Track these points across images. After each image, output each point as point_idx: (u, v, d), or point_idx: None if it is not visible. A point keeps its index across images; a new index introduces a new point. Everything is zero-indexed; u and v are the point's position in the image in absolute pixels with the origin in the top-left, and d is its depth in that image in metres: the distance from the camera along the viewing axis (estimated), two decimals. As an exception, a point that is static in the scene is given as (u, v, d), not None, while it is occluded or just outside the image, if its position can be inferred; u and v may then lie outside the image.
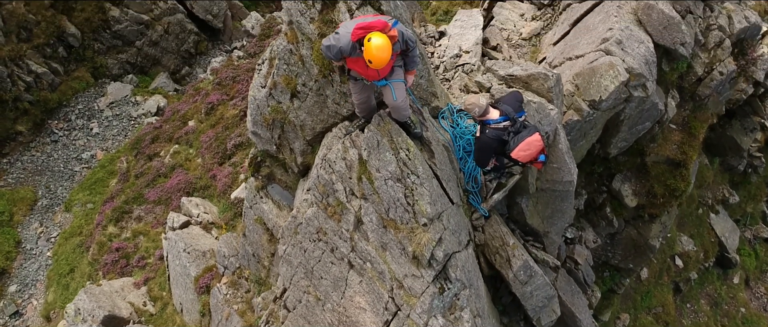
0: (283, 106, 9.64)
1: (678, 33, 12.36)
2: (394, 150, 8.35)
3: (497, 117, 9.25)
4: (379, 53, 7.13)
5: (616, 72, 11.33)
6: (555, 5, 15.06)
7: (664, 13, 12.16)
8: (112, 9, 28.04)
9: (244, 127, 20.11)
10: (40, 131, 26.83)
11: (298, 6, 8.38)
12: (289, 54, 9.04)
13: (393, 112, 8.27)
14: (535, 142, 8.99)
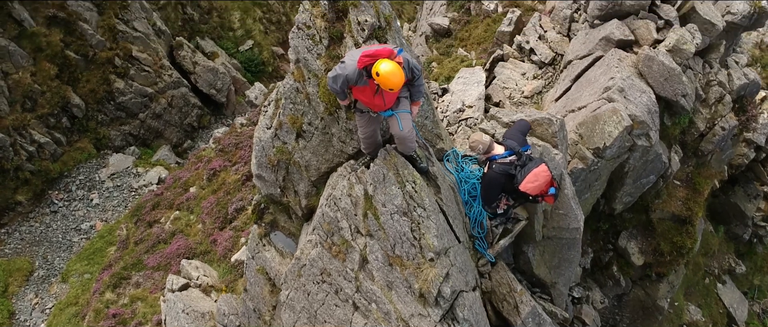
0: (288, 147, 9.69)
1: (679, 84, 12.56)
2: (401, 183, 8.34)
3: (502, 152, 9.29)
4: (392, 77, 7.22)
5: (619, 117, 11.45)
6: (556, 64, 15.36)
7: (665, 64, 12.39)
8: (118, 81, 28.53)
9: (246, 191, 20.14)
10: (40, 201, 26.82)
11: (305, 43, 8.55)
12: (296, 93, 9.16)
13: (399, 143, 8.30)
14: (542, 172, 8.98)
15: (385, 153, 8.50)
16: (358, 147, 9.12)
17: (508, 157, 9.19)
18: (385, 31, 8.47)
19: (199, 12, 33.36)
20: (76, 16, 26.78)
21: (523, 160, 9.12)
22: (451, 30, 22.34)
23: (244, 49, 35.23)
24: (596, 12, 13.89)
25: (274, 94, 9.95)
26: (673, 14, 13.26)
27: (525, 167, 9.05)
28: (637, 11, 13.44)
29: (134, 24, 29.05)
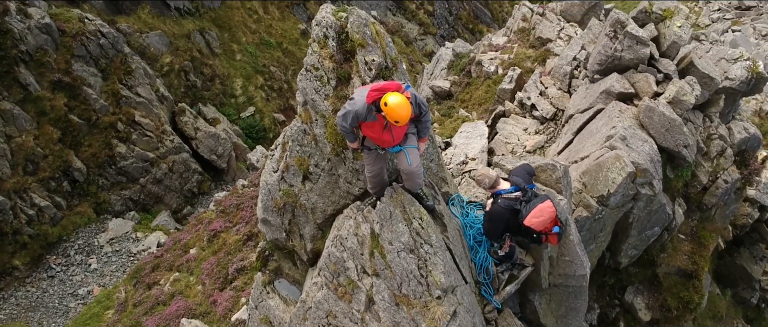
0: (294, 189, 9.80)
1: (680, 135, 12.77)
2: (407, 220, 8.42)
3: (508, 187, 9.40)
4: (400, 110, 7.41)
5: (622, 163, 11.62)
6: (557, 119, 15.63)
7: (665, 115, 12.64)
8: (119, 145, 28.80)
9: (247, 250, 20.09)
10: (37, 266, 26.68)
11: (313, 84, 8.78)
12: (303, 134, 9.34)
13: (407, 179, 8.43)
14: (546, 208, 9.08)
15: (391, 191, 8.62)
16: (364, 187, 9.23)
17: (513, 193, 9.31)
18: (392, 71, 8.71)
19: (201, 79, 33.95)
20: (81, 81, 27.26)
21: (528, 196, 9.24)
22: (452, 92, 22.74)
23: (246, 115, 35.68)
24: (596, 66, 14.25)
25: (281, 138, 10.14)
26: (672, 68, 13.61)
27: (530, 203, 9.16)
28: (636, 65, 13.80)
29: (138, 90, 29.54)
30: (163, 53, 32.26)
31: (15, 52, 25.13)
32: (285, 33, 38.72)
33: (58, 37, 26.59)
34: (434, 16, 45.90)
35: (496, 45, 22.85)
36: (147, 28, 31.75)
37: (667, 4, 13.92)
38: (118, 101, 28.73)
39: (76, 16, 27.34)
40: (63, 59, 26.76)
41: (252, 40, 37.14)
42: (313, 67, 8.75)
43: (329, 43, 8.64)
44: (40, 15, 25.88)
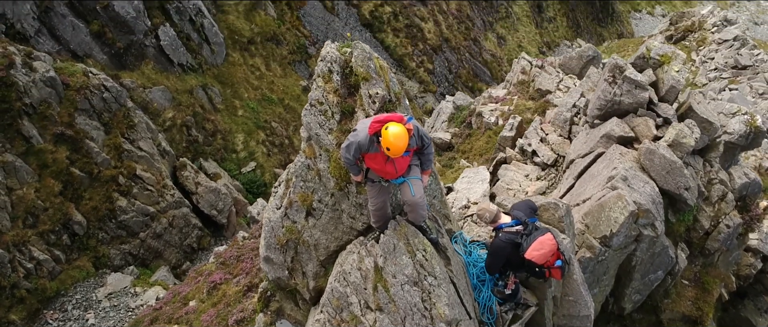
0: (297, 226, 9.85)
1: (681, 177, 12.89)
2: (411, 252, 8.46)
3: (509, 221, 9.45)
4: (396, 141, 7.51)
5: (624, 203, 11.69)
6: (558, 165, 15.76)
7: (666, 157, 12.78)
8: (120, 199, 28.86)
9: (247, 302, 19.96)
10: (34, 321, 26.41)
11: (317, 119, 8.93)
12: (306, 170, 9.45)
13: (411, 211, 8.49)
14: (547, 240, 9.12)
15: (395, 224, 8.68)
16: (367, 222, 9.28)
17: (514, 227, 9.36)
18: (395, 105, 8.87)
19: (203, 134, 34.24)
20: (84, 135, 27.51)
21: (529, 230, 9.29)
22: (453, 144, 22.96)
23: (247, 170, 35.84)
24: (596, 112, 14.47)
25: (284, 175, 10.24)
26: (671, 112, 13.82)
27: (530, 236, 9.20)
28: (636, 109, 14.01)
29: (140, 144, 29.77)
30: (166, 108, 32.64)
31: (19, 105, 25.44)
32: (287, 89, 39.23)
33: (62, 90, 26.95)
34: (434, 74, 46.58)
35: (496, 97, 23.18)
36: (150, 84, 32.20)
37: (664, 50, 14.22)
38: (120, 155, 28.91)
39: (80, 70, 27.77)
40: (66, 112, 27.07)
41: (254, 96, 37.62)
42: (318, 101, 8.92)
43: (334, 77, 8.83)
44: (45, 68, 26.29)
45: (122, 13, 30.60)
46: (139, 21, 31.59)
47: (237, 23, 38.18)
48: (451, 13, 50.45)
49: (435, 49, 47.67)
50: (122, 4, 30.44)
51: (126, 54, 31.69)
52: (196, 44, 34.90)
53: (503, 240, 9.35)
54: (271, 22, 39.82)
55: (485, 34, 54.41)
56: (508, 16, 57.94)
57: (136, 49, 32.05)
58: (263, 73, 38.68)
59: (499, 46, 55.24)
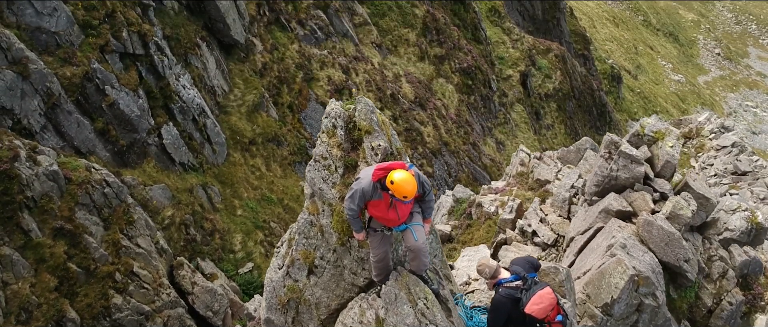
0: (299, 284, 10.05)
1: (680, 249, 13.14)
2: (412, 302, 8.65)
3: (508, 276, 9.66)
4: (406, 185, 7.93)
5: (623, 268, 11.90)
6: (559, 245, 16.01)
7: (664, 229, 13.08)
8: (116, 296, 28.72)
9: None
10: None
11: (321, 174, 9.33)
12: (309, 226, 9.75)
13: (413, 259, 8.74)
14: (546, 294, 9.30)
15: (396, 274, 8.91)
16: (369, 277, 9.50)
17: (514, 282, 9.57)
18: (397, 158, 9.29)
19: (201, 233, 34.46)
20: (83, 229, 27.72)
21: (528, 285, 9.49)
22: (453, 236, 23.22)
23: (244, 271, 35.81)
24: (593, 188, 14.88)
25: (287, 235, 10.52)
26: (668, 187, 14.23)
27: (530, 290, 9.39)
28: (632, 184, 14.43)
29: (138, 240, 29.93)
30: (166, 206, 33.03)
31: (21, 198, 25.82)
32: (286, 190, 39.77)
33: (64, 184, 27.41)
34: (434, 177, 47.30)
35: (496, 188, 23.66)
36: (151, 181, 32.72)
37: (658, 126, 14.81)
38: (117, 251, 29.01)
39: (83, 165, 28.32)
40: (67, 206, 27.41)
41: (253, 195, 38.10)
42: (322, 157, 9.35)
43: (337, 132, 9.30)
44: (48, 162, 26.86)
45: (127, 112, 31.53)
46: (143, 119, 32.50)
47: (239, 124, 39.21)
48: (450, 118, 51.77)
49: (434, 153, 48.64)
50: (127, 102, 31.44)
51: (128, 152, 32.40)
52: (198, 143, 35.73)
53: (503, 295, 9.55)
54: (272, 124, 40.86)
55: (484, 139, 55.63)
56: (507, 122, 59.37)
57: (139, 147, 32.80)
58: (263, 173, 39.34)
59: (498, 151, 56.35)
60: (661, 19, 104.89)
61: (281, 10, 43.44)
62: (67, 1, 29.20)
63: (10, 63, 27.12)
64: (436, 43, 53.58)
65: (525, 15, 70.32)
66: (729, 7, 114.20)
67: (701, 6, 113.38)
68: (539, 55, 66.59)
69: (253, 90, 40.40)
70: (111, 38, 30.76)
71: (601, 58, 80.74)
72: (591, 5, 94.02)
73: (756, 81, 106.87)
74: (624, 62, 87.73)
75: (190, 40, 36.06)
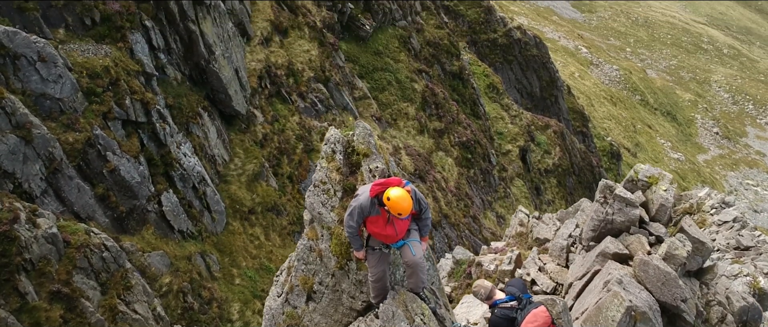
0: (298, 311, 10.23)
1: (677, 288, 13.29)
2: (409, 319, 8.83)
3: (504, 297, 9.86)
4: (402, 202, 8.26)
5: (620, 300, 12.04)
6: (558, 293, 16.12)
7: (660, 269, 13.27)
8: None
9: None
10: None
11: (320, 198, 9.66)
12: (308, 252, 10.01)
13: (411, 275, 8.97)
14: (541, 313, 9.50)
15: (394, 293, 9.11)
16: (367, 300, 9.70)
17: (509, 302, 9.77)
18: (394, 181, 9.63)
19: (199, 302, 34.33)
20: (80, 293, 27.70)
21: (523, 305, 9.69)
22: (454, 297, 23.25)
23: (242, 342, 35.52)
24: (590, 234, 15.13)
25: (285, 264, 10.75)
26: (663, 230, 14.50)
27: (525, 310, 9.59)
28: (628, 227, 14.69)
29: (135, 306, 29.84)
30: (164, 273, 33.04)
31: (19, 260, 25.93)
32: (285, 259, 39.78)
33: (63, 247, 27.56)
34: (434, 249, 47.35)
35: (496, 248, 23.82)
36: (150, 248, 32.84)
37: (651, 172, 15.18)
38: (114, 317, 28.91)
39: (82, 229, 28.55)
40: (65, 270, 27.47)
41: (252, 264, 38.13)
42: (321, 181, 9.70)
43: (336, 156, 9.68)
44: (48, 225, 27.09)
45: (127, 178, 31.96)
46: (144, 186, 32.89)
47: (239, 193, 39.58)
48: (449, 190, 52.23)
49: (435, 225, 48.84)
50: (128, 169, 31.91)
51: (128, 218, 32.66)
52: (198, 211, 36.02)
53: (498, 316, 9.74)
54: (272, 193, 41.25)
55: (484, 212, 55.91)
56: (507, 197, 59.79)
57: (139, 214, 33.07)
58: (262, 242, 39.46)
59: (498, 225, 56.54)
60: (659, 99, 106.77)
61: (282, 83, 44.46)
62: (72, 69, 29.99)
63: (13, 127, 27.73)
64: (435, 117, 54.56)
65: (523, 92, 71.75)
66: (725, 88, 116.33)
67: (698, 87, 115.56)
68: (538, 131, 67.64)
69: (253, 159, 40.95)
70: (114, 105, 31.49)
71: (600, 136, 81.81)
72: (588, 84, 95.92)
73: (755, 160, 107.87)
74: (623, 140, 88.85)
75: (192, 110, 36.85)
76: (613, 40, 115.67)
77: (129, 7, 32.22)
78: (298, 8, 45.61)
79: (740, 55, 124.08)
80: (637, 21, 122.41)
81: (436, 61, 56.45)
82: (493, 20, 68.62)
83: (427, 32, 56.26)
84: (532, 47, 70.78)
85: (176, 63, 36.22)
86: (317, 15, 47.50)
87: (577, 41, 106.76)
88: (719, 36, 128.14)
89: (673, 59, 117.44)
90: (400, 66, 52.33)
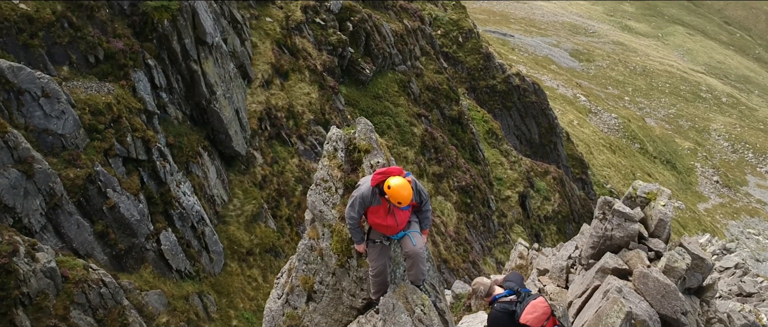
0: (298, 311, 10.35)
1: (677, 301, 13.37)
2: (410, 310, 8.98)
3: (503, 292, 9.99)
4: (402, 190, 8.50)
5: (619, 305, 12.12)
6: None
7: (660, 281, 13.38)
8: (106, 401, 28.18)
9: None
10: None
11: (321, 196, 9.88)
12: (309, 251, 10.18)
13: (411, 266, 9.14)
14: (539, 304, 9.64)
15: (394, 286, 9.26)
16: (367, 298, 9.84)
17: (508, 297, 9.91)
18: (394, 176, 9.86)
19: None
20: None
21: (522, 298, 9.83)
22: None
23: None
24: (589, 251, 15.27)
25: (286, 266, 10.89)
26: (662, 245, 14.64)
27: (523, 302, 9.72)
28: (627, 243, 14.83)
29: (131, 344, 29.68)
30: (161, 312, 32.90)
31: (17, 293, 25.91)
32: (284, 300, 39.63)
33: (61, 282, 27.55)
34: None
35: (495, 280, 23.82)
36: (147, 287, 32.78)
37: (649, 188, 15.40)
38: (110, 354, 28.75)
39: (80, 264, 28.57)
40: (62, 305, 27.42)
41: (249, 306, 37.96)
42: (322, 179, 9.94)
43: (338, 154, 9.94)
44: (46, 259, 27.14)
45: (127, 215, 32.10)
46: (143, 224, 33.00)
47: (237, 234, 39.64)
48: (449, 235, 52.25)
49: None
50: (128, 206, 32.07)
51: (126, 256, 32.69)
52: (196, 251, 36.04)
53: (498, 310, 9.88)
54: (271, 235, 41.30)
55: (484, 258, 55.83)
56: (507, 242, 59.73)
57: (137, 252, 33.10)
58: (260, 284, 39.36)
59: (498, 271, 56.32)
60: (658, 147, 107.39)
61: (282, 125, 44.94)
62: (74, 106, 30.42)
63: (15, 162, 28.00)
64: (434, 161, 54.91)
65: (522, 139, 72.28)
66: (725, 136, 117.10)
67: (697, 135, 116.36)
68: (537, 177, 67.92)
69: (252, 200, 41.12)
70: (115, 142, 31.83)
71: (600, 183, 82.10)
72: (587, 132, 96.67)
73: (757, 209, 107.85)
74: (622, 188, 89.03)
75: (192, 149, 37.19)
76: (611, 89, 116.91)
77: (132, 46, 32.83)
78: (299, 52, 46.37)
79: (739, 104, 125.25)
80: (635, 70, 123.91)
81: (435, 106, 57.09)
82: (491, 67, 69.57)
83: (427, 77, 57.04)
84: (530, 94, 71.60)
85: (178, 102, 36.72)
86: (318, 59, 48.25)
87: (575, 89, 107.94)
88: (718, 84, 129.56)
89: (672, 108, 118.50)
90: (399, 110, 52.94)
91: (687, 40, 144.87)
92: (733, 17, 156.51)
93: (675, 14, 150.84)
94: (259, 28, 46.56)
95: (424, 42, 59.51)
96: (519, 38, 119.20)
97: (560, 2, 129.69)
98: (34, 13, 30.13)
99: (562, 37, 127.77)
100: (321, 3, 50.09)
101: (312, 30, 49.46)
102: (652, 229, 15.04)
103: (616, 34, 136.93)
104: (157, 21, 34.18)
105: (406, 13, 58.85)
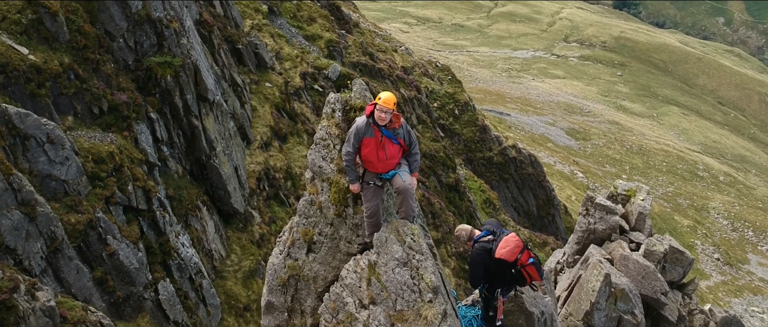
0: (299, 262, 11.32)
1: (656, 281, 14.27)
2: (401, 241, 10.00)
3: (482, 233, 11.06)
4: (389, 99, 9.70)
5: (599, 270, 13.04)
6: (547, 313, 16.99)
7: (640, 263, 14.33)
8: None
9: None
10: None
11: (321, 153, 11.03)
12: (309, 206, 11.25)
13: (402, 202, 10.19)
14: (511, 238, 10.73)
15: (386, 223, 10.30)
16: (362, 243, 10.84)
17: (486, 237, 10.98)
18: (387, 130, 11.02)
19: (192, 394, 34.29)
20: (73, 371, 27.98)
21: (498, 236, 10.90)
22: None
23: None
24: (575, 246, 16.23)
25: (288, 225, 11.91)
26: (642, 238, 15.64)
27: (497, 239, 10.80)
28: (610, 235, 15.82)
29: (127, 390, 29.97)
30: (157, 363, 33.26)
31: (16, 330, 26.51)
32: (280, 356, 39.83)
33: (59, 322, 28.14)
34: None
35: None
36: (144, 336, 33.25)
37: (629, 185, 16.51)
38: (105, 398, 28.99)
39: (79, 306, 29.20)
40: (60, 345, 27.92)
41: (247, 362, 38.19)
42: (321, 138, 11.12)
43: (336, 114, 11.14)
44: (46, 298, 27.79)
45: (126, 263, 32.87)
46: (141, 273, 33.71)
47: (234, 289, 40.22)
48: (447, 299, 52.59)
49: None
50: (127, 254, 32.89)
51: (124, 304, 33.27)
52: (193, 303, 36.57)
53: (477, 249, 10.94)
54: (268, 291, 41.88)
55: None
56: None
57: (135, 301, 33.69)
58: (258, 339, 39.66)
59: None
60: (657, 225, 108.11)
61: (280, 186, 46.12)
62: (78, 153, 31.70)
63: (19, 204, 29.07)
64: (431, 226, 55.73)
65: (520, 210, 73.31)
66: (724, 214, 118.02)
67: (696, 213, 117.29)
68: (536, 248, 68.55)
69: (250, 256, 41.86)
70: (117, 190, 32.93)
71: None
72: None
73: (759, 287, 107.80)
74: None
75: (191, 202, 38.24)
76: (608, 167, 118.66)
77: (136, 99, 34.38)
78: (297, 116, 48.07)
79: (737, 182, 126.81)
80: (632, 148, 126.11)
81: (432, 173, 58.44)
82: (488, 139, 71.33)
83: (424, 144, 58.59)
84: (527, 166, 73.09)
85: (178, 156, 38.02)
86: (316, 123, 49.89)
87: (572, 166, 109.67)
88: (714, 164, 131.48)
89: (670, 186, 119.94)
90: (396, 174, 54.10)
91: (682, 120, 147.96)
92: (726, 97, 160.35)
93: (669, 95, 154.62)
94: (259, 92, 48.45)
95: (420, 111, 61.43)
96: (515, 117, 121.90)
97: (555, 82, 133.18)
98: (43, 64, 31.76)
99: (558, 116, 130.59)
100: (319, 71, 52.18)
101: (310, 95, 51.35)
102: (633, 223, 16.07)
103: (611, 114, 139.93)
104: (161, 76, 35.88)
105: (403, 82, 60.98)
